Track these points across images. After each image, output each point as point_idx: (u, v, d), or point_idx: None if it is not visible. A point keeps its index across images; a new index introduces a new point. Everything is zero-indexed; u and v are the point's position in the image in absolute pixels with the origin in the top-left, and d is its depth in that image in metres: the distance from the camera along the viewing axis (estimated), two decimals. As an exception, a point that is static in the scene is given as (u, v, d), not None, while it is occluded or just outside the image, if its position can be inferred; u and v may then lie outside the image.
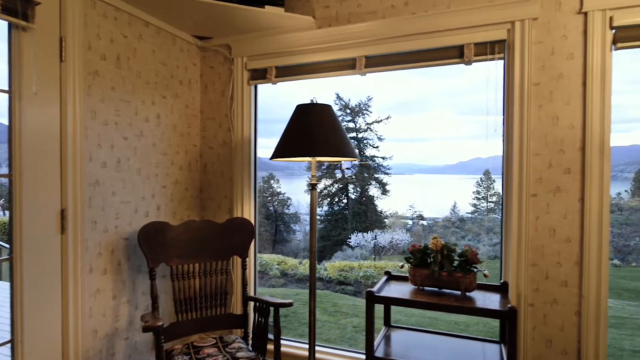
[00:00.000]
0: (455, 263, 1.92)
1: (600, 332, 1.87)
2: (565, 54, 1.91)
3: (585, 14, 1.87)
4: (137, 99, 2.25)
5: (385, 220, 19.18)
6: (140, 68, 2.26)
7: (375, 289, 1.94)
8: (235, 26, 2.41)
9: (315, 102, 2.07)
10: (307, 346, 2.54)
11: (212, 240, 2.30)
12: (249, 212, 2.61)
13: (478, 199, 18.88)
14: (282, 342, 2.59)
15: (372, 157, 19.35)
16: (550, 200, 1.95)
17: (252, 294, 2.64)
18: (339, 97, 19.06)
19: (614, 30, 1.85)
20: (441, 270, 1.90)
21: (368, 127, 19.12)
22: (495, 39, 2.02)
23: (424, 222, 20.17)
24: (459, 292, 1.91)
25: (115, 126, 2.12)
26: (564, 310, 1.93)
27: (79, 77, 1.89)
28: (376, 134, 19.09)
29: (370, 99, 19.00)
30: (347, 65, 2.35)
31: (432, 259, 1.93)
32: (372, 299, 1.85)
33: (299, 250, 18.62)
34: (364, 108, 19.18)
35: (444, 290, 1.96)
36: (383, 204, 19.08)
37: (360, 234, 16.29)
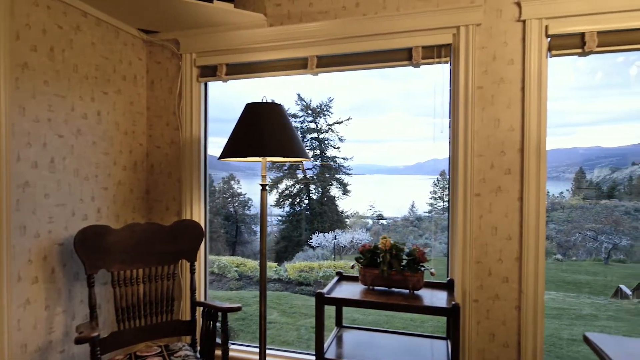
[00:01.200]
0: (404, 262, 1.95)
1: (537, 325, 1.97)
2: (506, 59, 2.00)
3: (524, 22, 1.96)
4: (74, 95, 2.10)
5: (346, 220, 19.38)
6: (77, 61, 2.12)
7: (325, 290, 1.93)
8: (183, 21, 2.32)
9: (266, 100, 2.03)
10: (257, 350, 2.49)
11: (158, 244, 2.20)
12: (198, 213, 2.52)
13: (434, 198, 19.50)
14: (232, 347, 2.53)
15: (334, 158, 19.50)
16: (493, 199, 2.03)
17: (202, 299, 2.55)
18: (300, 98, 19.03)
19: (549, 39, 1.95)
20: (390, 269, 1.92)
21: (329, 128, 19.21)
22: (441, 42, 2.07)
23: (384, 222, 20.62)
24: (407, 291, 1.94)
25: (49, 123, 1.97)
26: (505, 305, 2.02)
27: (4, 69, 1.73)
28: (337, 135, 19.22)
29: (331, 100, 19.09)
30: (299, 65, 2.33)
31: (381, 259, 1.95)
32: (322, 301, 1.84)
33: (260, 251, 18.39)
34: (325, 109, 19.25)
35: (394, 289, 1.98)
36: (344, 204, 19.24)
37: (321, 234, 16.35)
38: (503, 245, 2.02)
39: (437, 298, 1.88)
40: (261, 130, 1.92)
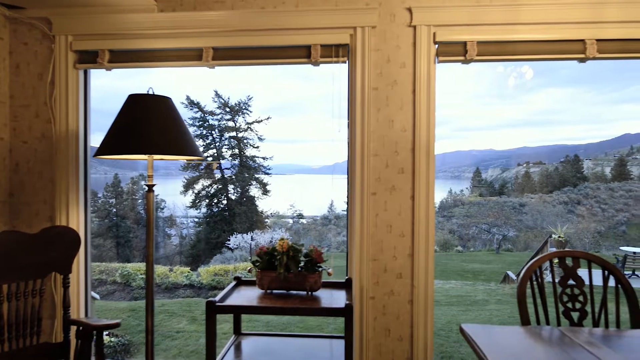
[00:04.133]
0: (302, 263, 1.91)
1: (427, 316, 2.07)
2: (399, 62, 2.07)
3: (415, 27, 2.05)
4: None
5: (267, 220, 19.20)
6: None
7: (219, 296, 1.81)
8: (54, -3, 2.02)
9: (152, 92, 1.83)
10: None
11: (22, 256, 1.87)
12: (77, 218, 2.22)
13: (351, 197, 20.10)
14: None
15: (253, 157, 19.15)
16: (388, 198, 2.08)
17: (79, 315, 2.25)
18: (217, 95, 18.41)
19: (437, 45, 2.06)
20: (288, 271, 1.87)
21: (248, 127, 18.87)
22: (339, 42, 2.07)
23: (304, 221, 20.84)
24: (305, 293, 1.90)
25: None
26: (399, 300, 2.09)
27: None
28: (257, 134, 18.95)
29: (250, 99, 18.78)
30: (194, 56, 2.17)
31: (278, 261, 1.88)
32: (213, 310, 1.71)
33: (174, 255, 17.36)
34: (243, 107, 18.86)
35: (292, 291, 1.93)
36: (264, 204, 19.07)
37: (240, 236, 15.95)
38: (397, 242, 2.08)
39: (335, 298, 1.87)
40: (148, 125, 1.73)
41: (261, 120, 19.32)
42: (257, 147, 19.46)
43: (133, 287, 8.24)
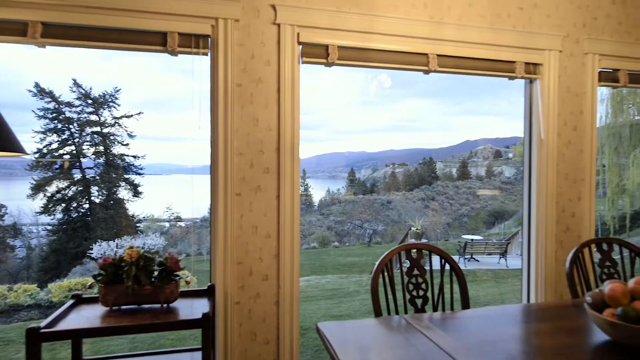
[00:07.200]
0: (156, 274, 1.72)
1: (293, 317, 2.07)
2: (264, 60, 2.02)
3: (279, 25, 2.03)
4: None
5: (138, 225, 17.47)
6: None
7: (48, 320, 1.51)
8: None
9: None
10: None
11: None
12: None
13: (233, 197, 19.72)
14: None
15: (122, 156, 17.19)
16: (253, 198, 2.02)
17: None
18: (76, 84, 16.01)
19: (301, 46, 2.08)
20: (138, 284, 1.66)
21: (116, 122, 16.87)
22: (199, 32, 1.93)
23: (182, 224, 19.54)
24: (160, 306, 1.72)
25: None
26: (265, 302, 2.05)
27: None
28: (126, 130, 17.07)
29: (118, 91, 16.82)
30: (16, 30, 1.78)
31: (126, 273, 1.66)
32: (37, 338, 1.41)
33: (20, 270, 14.55)
34: (110, 100, 16.79)
35: (145, 305, 1.73)
36: (135, 207, 17.29)
37: (105, 243, 14.14)
38: (263, 244, 2.04)
39: (195, 308, 1.73)
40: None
41: (131, 115, 17.52)
42: (127, 144, 17.57)
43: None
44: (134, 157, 17.66)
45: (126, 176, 17.57)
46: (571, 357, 1.16)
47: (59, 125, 16.01)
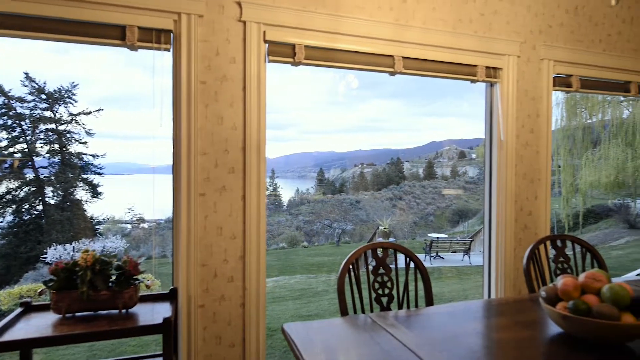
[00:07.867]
0: (113, 278, 1.64)
1: (260, 318, 2.04)
2: (229, 57, 1.98)
3: (245, 23, 1.99)
4: None
5: (98, 227, 16.71)
6: None
7: (-8, 332, 1.40)
8: None
9: None
10: None
11: None
12: None
13: (199, 197, 19.26)
14: None
15: (79, 154, 16.39)
16: (217, 199, 1.97)
17: None
18: (29, 78, 15.10)
19: (267, 45, 2.05)
20: (94, 289, 1.58)
21: (73, 119, 16.06)
22: (161, 27, 1.86)
23: (145, 225, 18.88)
24: (117, 311, 1.64)
25: None
26: (231, 304, 2.00)
27: None
28: (84, 128, 16.29)
29: (75, 86, 16.03)
30: (-45, 18, 1.64)
31: (80, 278, 1.57)
32: (-22, 350, 1.31)
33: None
34: (66, 95, 15.96)
35: (101, 312, 1.65)
36: (94, 209, 16.53)
37: (61, 247, 13.43)
38: (228, 245, 1.99)
39: (156, 312, 1.67)
40: None
41: (90, 112, 16.75)
42: (85, 142, 16.78)
43: None
44: (93, 156, 16.91)
45: (84, 176, 16.80)
46: (527, 350, 1.21)
47: (9, 122, 15.08)
